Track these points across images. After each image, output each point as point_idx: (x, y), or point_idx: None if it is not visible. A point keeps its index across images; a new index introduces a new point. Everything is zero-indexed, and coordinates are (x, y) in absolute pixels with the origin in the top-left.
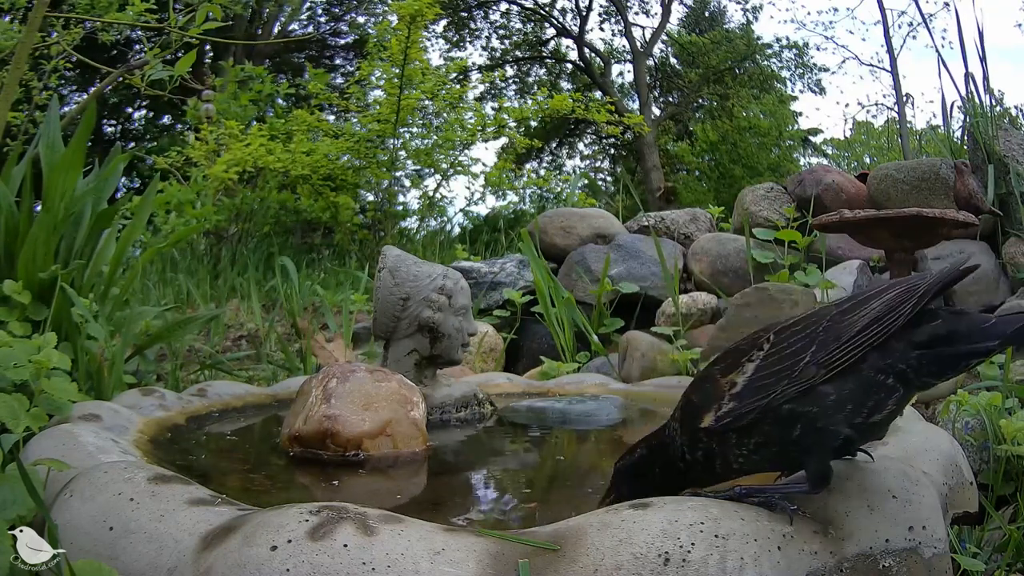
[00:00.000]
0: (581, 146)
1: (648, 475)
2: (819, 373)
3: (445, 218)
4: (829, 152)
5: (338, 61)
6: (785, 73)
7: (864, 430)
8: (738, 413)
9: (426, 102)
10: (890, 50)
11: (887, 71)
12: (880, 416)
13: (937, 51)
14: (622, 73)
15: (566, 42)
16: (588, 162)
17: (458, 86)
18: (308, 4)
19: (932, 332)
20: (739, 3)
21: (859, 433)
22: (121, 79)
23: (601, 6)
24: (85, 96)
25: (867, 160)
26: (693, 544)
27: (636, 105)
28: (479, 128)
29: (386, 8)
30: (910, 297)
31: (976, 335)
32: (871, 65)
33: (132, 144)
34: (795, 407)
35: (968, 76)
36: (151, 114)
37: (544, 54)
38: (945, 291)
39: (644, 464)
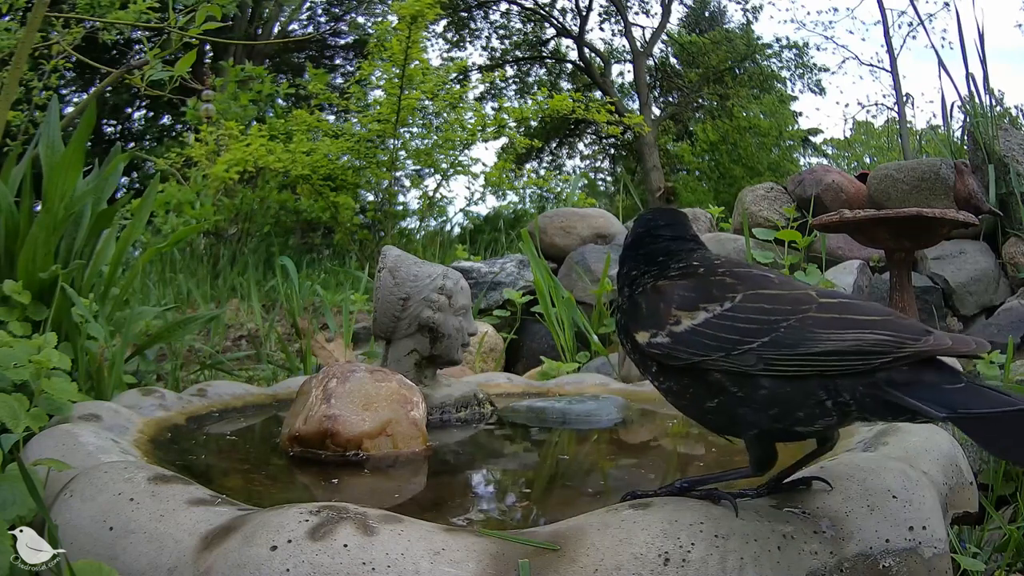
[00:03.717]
0: (581, 146)
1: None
2: (757, 366)
3: (445, 218)
4: (829, 152)
5: (338, 61)
6: (785, 73)
7: (781, 433)
8: (666, 353)
9: (426, 102)
10: (890, 50)
11: (887, 71)
12: (804, 430)
13: (936, 52)
14: (622, 73)
15: (566, 42)
16: (588, 162)
17: (458, 86)
18: (308, 4)
19: (890, 378)
20: (739, 3)
21: (775, 433)
22: (121, 79)
23: (601, 6)
24: (85, 96)
25: (867, 160)
26: (693, 544)
27: (636, 105)
28: (479, 128)
29: (386, 8)
30: (888, 352)
31: (934, 397)
32: (871, 65)
33: (132, 144)
34: (725, 381)
35: (968, 76)
36: (151, 114)
37: (544, 54)
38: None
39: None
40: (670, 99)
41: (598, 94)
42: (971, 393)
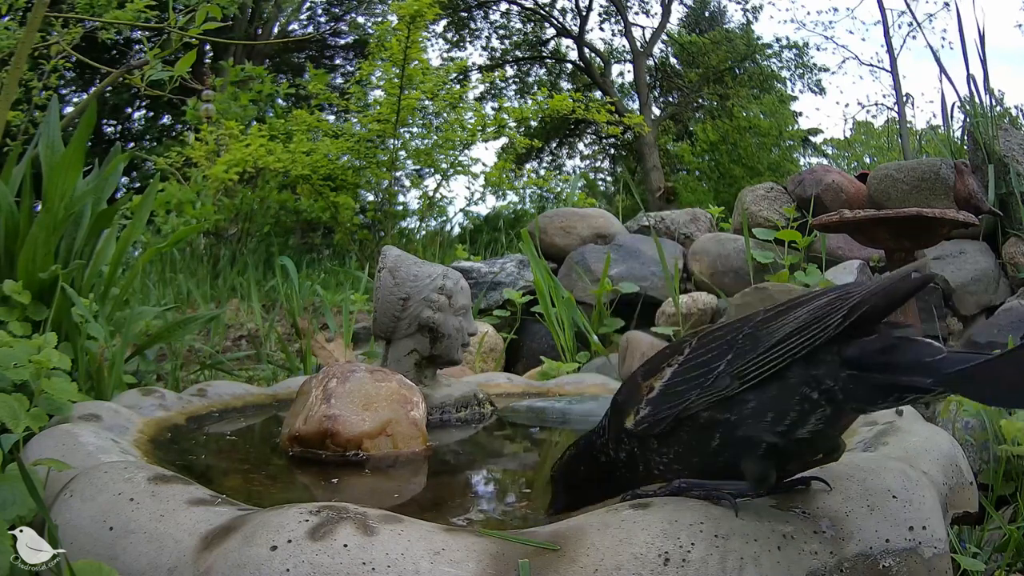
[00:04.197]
0: (581, 146)
1: (580, 478)
2: (732, 384)
3: (445, 218)
4: (829, 152)
5: (338, 61)
6: (785, 73)
7: (790, 443)
8: (653, 419)
9: (426, 102)
10: (890, 50)
11: (887, 71)
12: (804, 431)
13: (934, 52)
14: (622, 73)
15: (566, 42)
16: (588, 162)
17: (458, 86)
18: (308, 4)
19: (865, 349)
20: (739, 3)
21: (785, 444)
22: (121, 79)
23: (601, 6)
24: (85, 96)
25: (867, 160)
26: (693, 544)
27: (636, 105)
28: (479, 128)
29: (386, 8)
30: (840, 307)
31: (917, 368)
32: (871, 65)
33: (132, 144)
34: (713, 414)
35: (968, 76)
36: (151, 114)
37: (544, 54)
38: (891, 304)
39: (575, 465)
40: (670, 99)
41: (598, 94)
42: (949, 359)
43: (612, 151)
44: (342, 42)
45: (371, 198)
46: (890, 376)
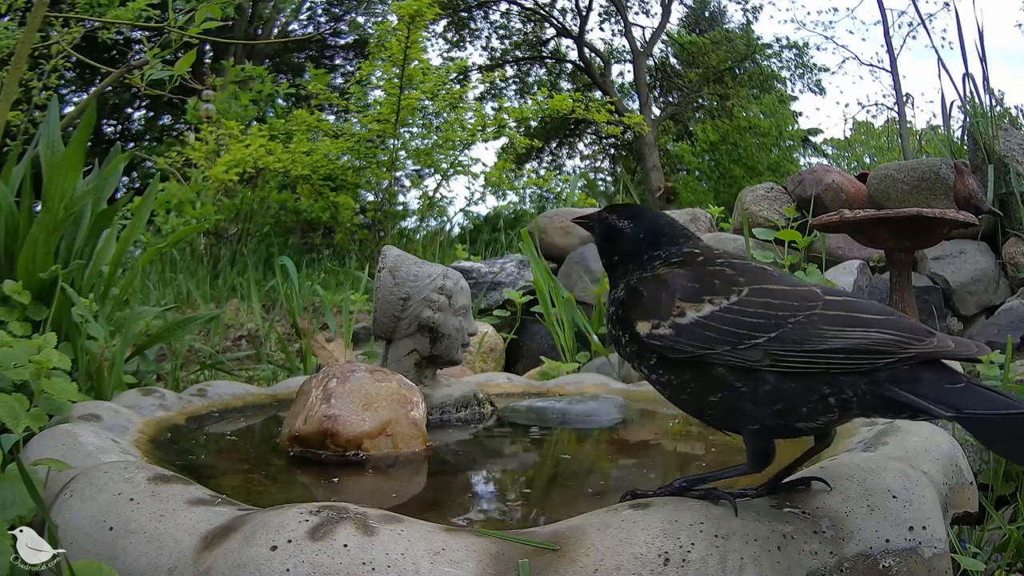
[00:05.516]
0: (581, 146)
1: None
2: (763, 361)
3: (445, 218)
4: (829, 152)
5: (338, 61)
6: (785, 73)
7: (782, 429)
8: (670, 344)
9: (426, 102)
10: (890, 50)
11: (887, 71)
12: (805, 426)
13: (936, 51)
14: (622, 73)
15: (566, 42)
16: (588, 162)
17: (458, 86)
18: (308, 4)
19: (892, 376)
20: (739, 3)
21: (776, 429)
22: (121, 79)
23: (601, 6)
24: (85, 96)
25: (867, 160)
26: (693, 544)
27: (636, 105)
28: (479, 128)
29: (386, 8)
30: (893, 352)
31: (938, 396)
32: (871, 65)
33: (132, 144)
34: (729, 376)
35: (968, 76)
36: (151, 114)
37: (544, 54)
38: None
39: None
40: (670, 99)
41: (598, 94)
42: (971, 393)
43: (612, 151)
44: (342, 42)
45: (371, 198)
46: (910, 397)
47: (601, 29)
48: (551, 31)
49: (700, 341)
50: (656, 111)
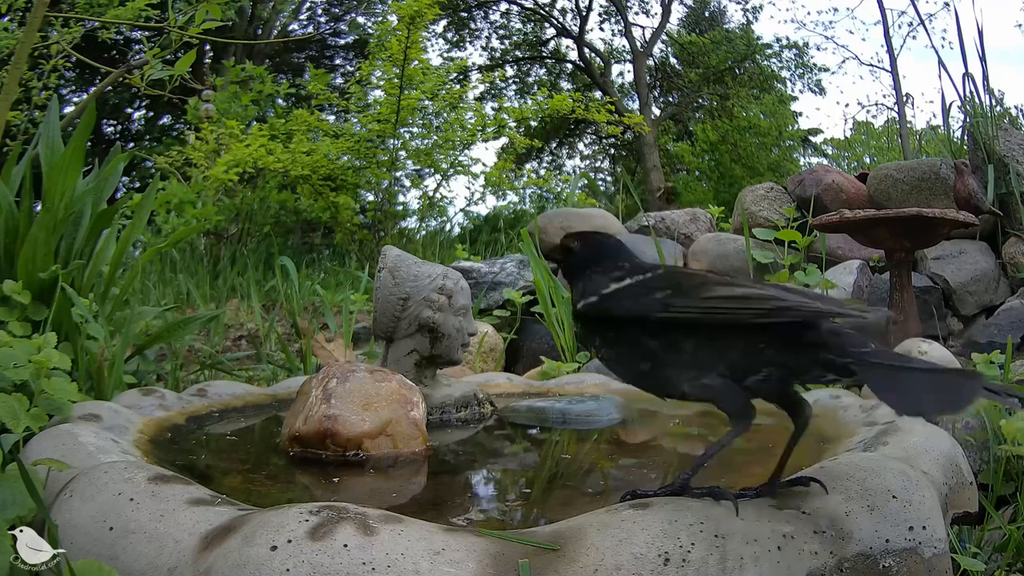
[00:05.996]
0: (581, 146)
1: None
2: (659, 310)
3: (445, 218)
4: (829, 152)
5: (338, 61)
6: (785, 73)
7: (733, 387)
8: (594, 308)
9: (426, 102)
10: (890, 50)
11: (887, 71)
12: (754, 382)
13: (936, 51)
14: (622, 73)
15: (566, 42)
16: (588, 162)
17: (458, 86)
18: (308, 4)
19: (811, 338)
20: (739, 3)
21: (727, 388)
22: (121, 79)
23: (601, 6)
24: (85, 96)
25: (867, 160)
26: (693, 544)
27: (636, 105)
28: (479, 128)
29: (386, 8)
30: (778, 305)
31: (840, 349)
32: (871, 65)
33: (132, 144)
34: (646, 337)
35: (968, 76)
36: (151, 114)
37: (544, 54)
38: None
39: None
40: (670, 99)
41: (598, 94)
42: (876, 351)
43: (612, 151)
44: (342, 42)
45: (371, 198)
46: (818, 351)
47: (601, 29)
48: (551, 31)
49: (616, 302)
50: (656, 111)
